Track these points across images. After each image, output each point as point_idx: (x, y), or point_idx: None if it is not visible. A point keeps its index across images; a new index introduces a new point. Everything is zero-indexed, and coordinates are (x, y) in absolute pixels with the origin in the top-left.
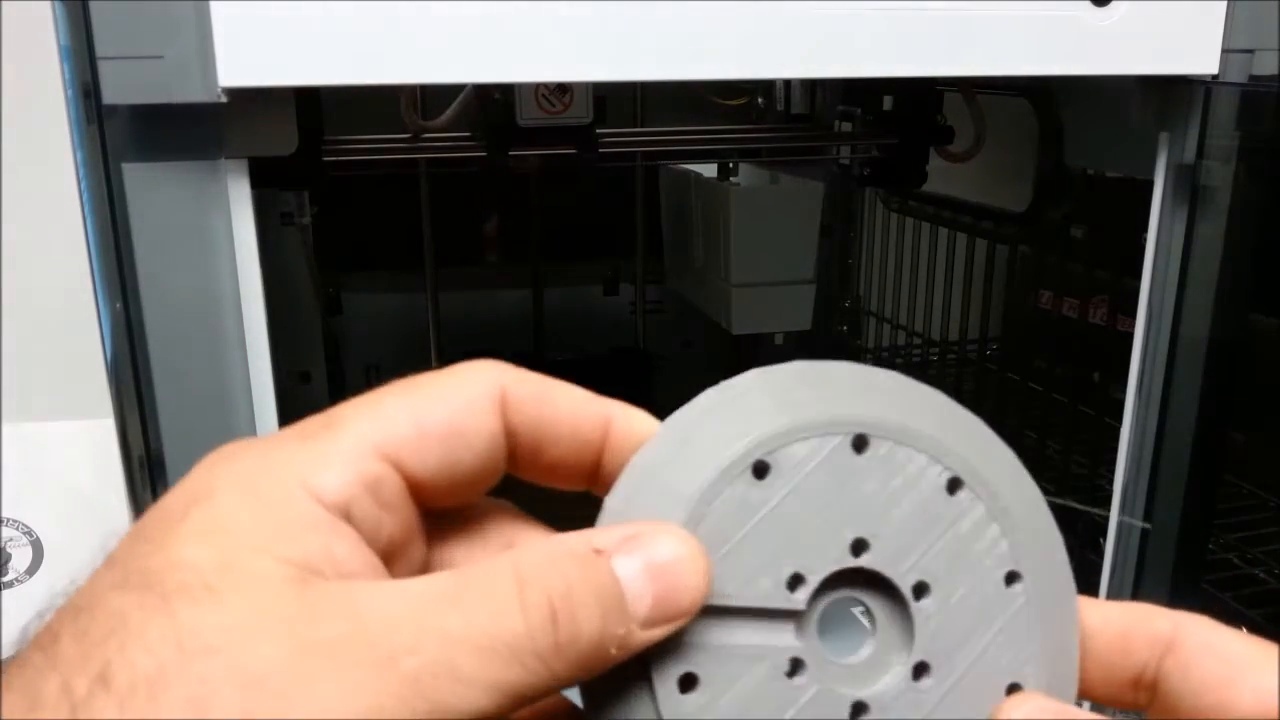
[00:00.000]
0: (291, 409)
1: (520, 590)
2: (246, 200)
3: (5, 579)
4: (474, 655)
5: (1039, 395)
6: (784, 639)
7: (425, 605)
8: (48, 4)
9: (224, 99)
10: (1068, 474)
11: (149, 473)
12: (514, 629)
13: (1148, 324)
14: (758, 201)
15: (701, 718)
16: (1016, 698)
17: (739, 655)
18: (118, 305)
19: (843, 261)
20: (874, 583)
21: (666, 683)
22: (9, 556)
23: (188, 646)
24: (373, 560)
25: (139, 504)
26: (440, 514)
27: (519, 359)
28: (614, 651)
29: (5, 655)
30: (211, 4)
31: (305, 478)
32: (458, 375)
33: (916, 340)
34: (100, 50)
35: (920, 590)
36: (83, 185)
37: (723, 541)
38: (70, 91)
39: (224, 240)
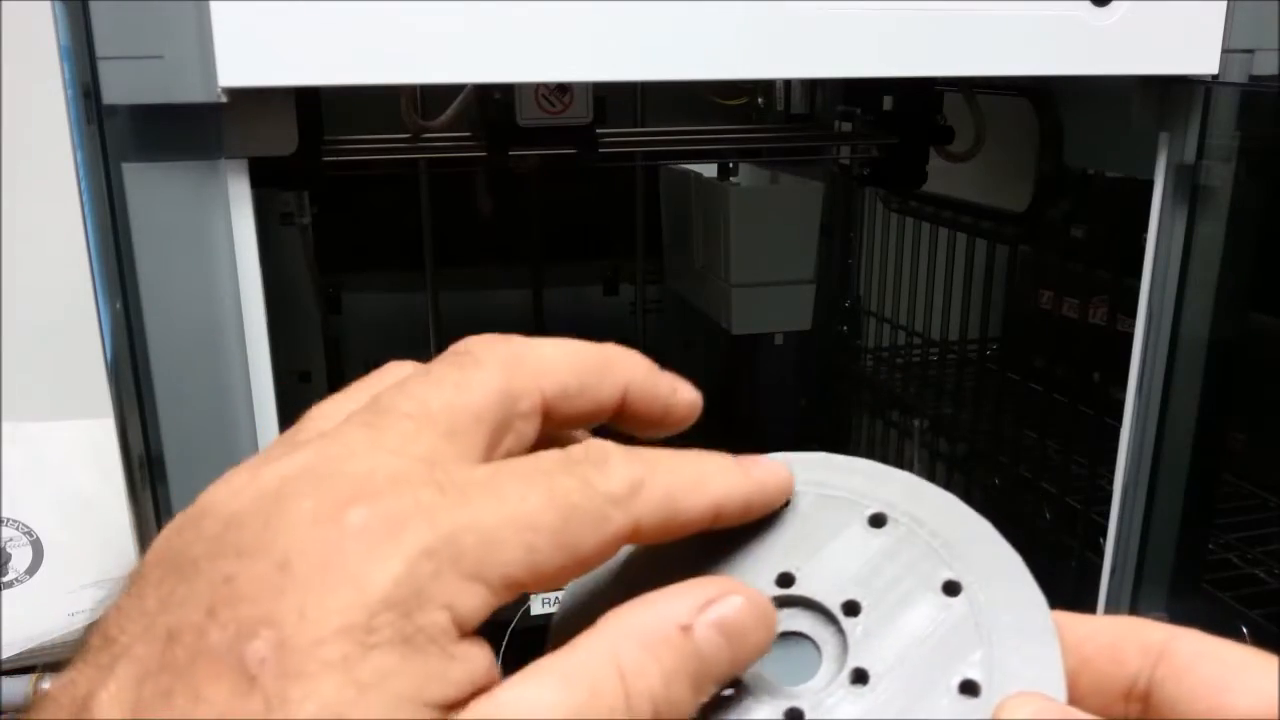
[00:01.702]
0: (291, 409)
1: (628, 698)
2: (246, 200)
3: (5, 579)
4: None
5: (1039, 395)
6: None
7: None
8: (48, 4)
9: (224, 99)
10: (1068, 474)
11: (149, 473)
12: None
13: (1148, 324)
14: (758, 201)
15: None
16: (1019, 698)
17: None
18: (118, 305)
19: (843, 261)
20: (811, 610)
21: None
22: (9, 556)
23: None
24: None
25: (139, 504)
26: None
27: None
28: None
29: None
30: (211, 4)
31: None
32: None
33: (916, 340)
34: (100, 50)
35: (851, 608)
36: (83, 185)
37: (655, 574)
38: (70, 91)
39: (224, 240)
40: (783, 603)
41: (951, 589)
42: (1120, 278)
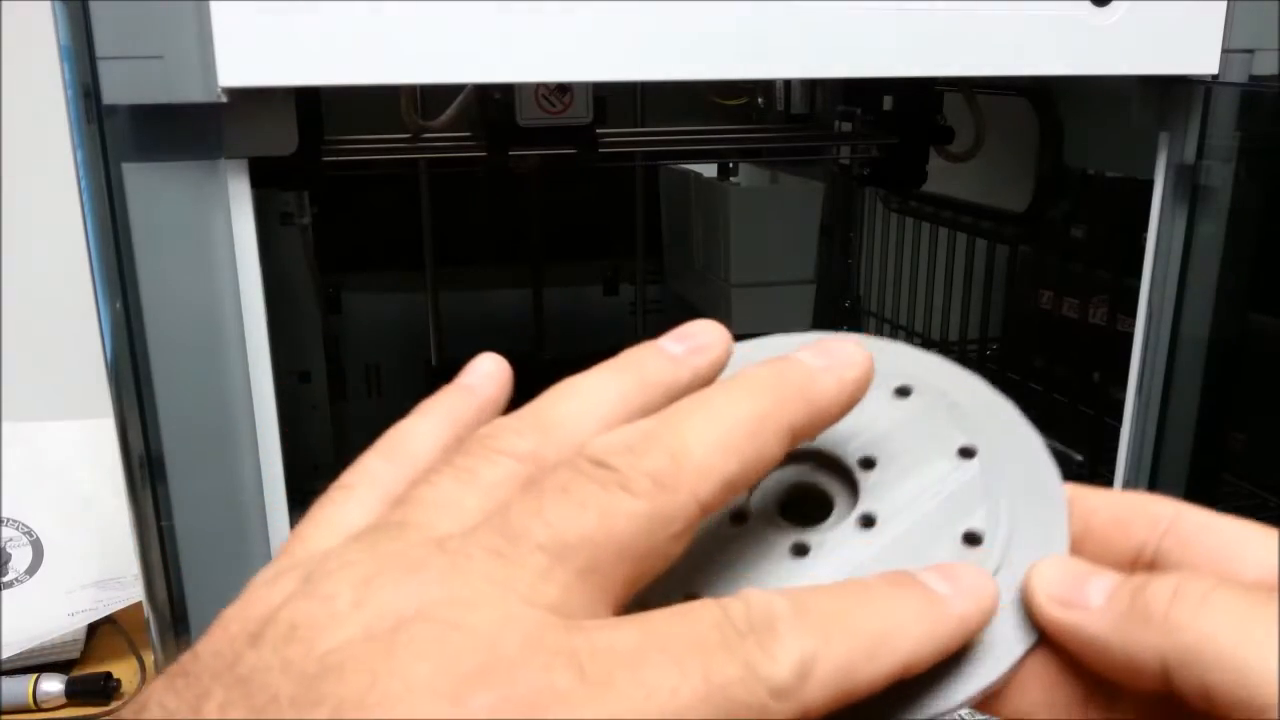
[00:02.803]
0: (291, 409)
1: None
2: (246, 200)
3: (5, 579)
4: None
5: (1039, 395)
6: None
7: None
8: (48, 4)
9: (224, 99)
10: (1068, 474)
11: (149, 473)
12: None
13: (1148, 324)
14: (758, 201)
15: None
16: (1046, 561)
17: None
18: (118, 305)
19: (843, 261)
20: (828, 465)
21: None
22: (9, 556)
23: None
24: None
25: (139, 504)
26: None
27: (519, 359)
28: None
29: None
30: (211, 4)
31: None
32: None
33: (917, 340)
34: (100, 50)
35: (867, 463)
36: (83, 185)
37: None
38: (70, 91)
39: (224, 240)
40: (800, 457)
41: (966, 453)
42: (1120, 278)
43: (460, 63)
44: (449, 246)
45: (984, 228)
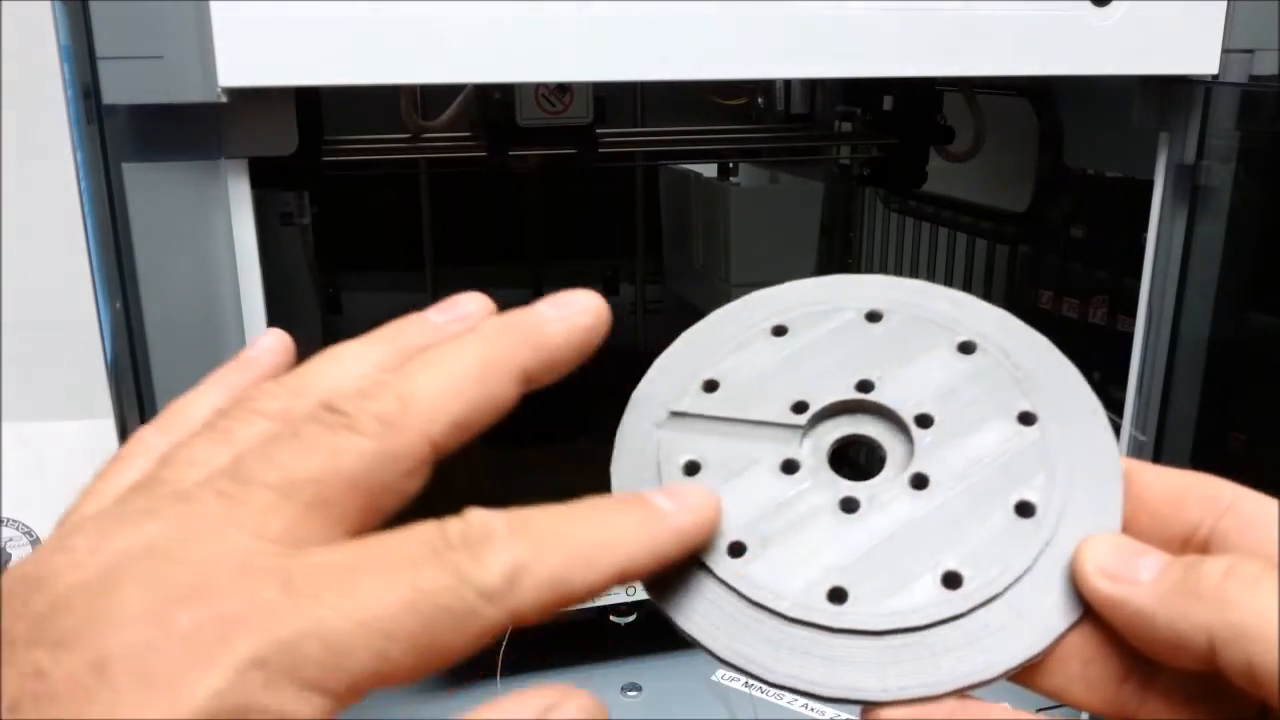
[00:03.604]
0: None
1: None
2: (246, 200)
3: None
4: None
5: None
6: (783, 447)
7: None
8: (48, 4)
9: (224, 99)
10: None
11: None
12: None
13: (1148, 324)
14: (758, 201)
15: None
16: (1097, 537)
17: (740, 452)
18: (118, 305)
19: (843, 261)
20: (883, 418)
21: (672, 468)
22: (9, 556)
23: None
24: None
25: None
26: None
27: None
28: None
29: None
30: (211, 4)
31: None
32: None
33: None
34: (100, 50)
35: (923, 421)
36: (83, 185)
37: (739, 375)
38: (70, 91)
39: (224, 240)
40: (856, 407)
41: (1027, 419)
42: (1120, 278)
43: (460, 63)
44: (449, 246)
45: (984, 228)
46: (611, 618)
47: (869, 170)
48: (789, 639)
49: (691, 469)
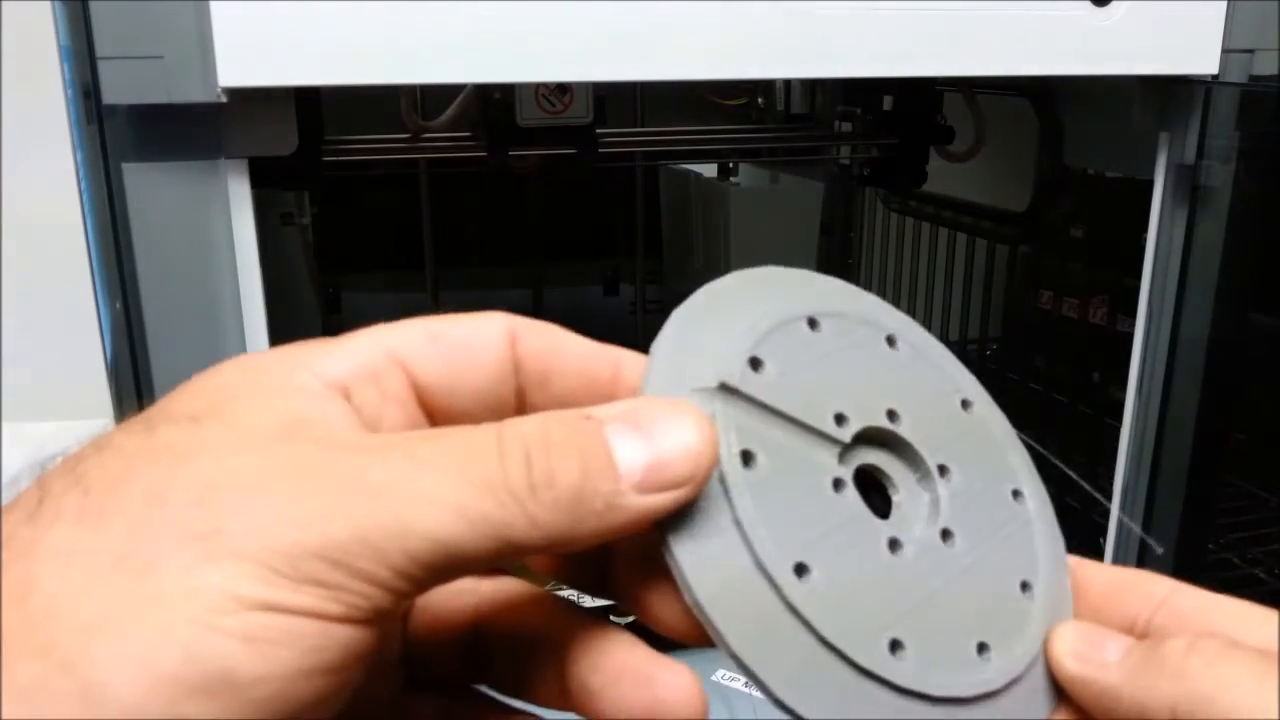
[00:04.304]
0: None
1: (499, 437)
2: (246, 200)
3: None
4: (444, 477)
5: (1039, 395)
6: (831, 461)
7: (402, 438)
8: (48, 4)
9: (224, 99)
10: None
11: None
12: (488, 462)
13: (1148, 324)
14: (758, 201)
15: (756, 499)
16: (1066, 625)
17: (795, 455)
18: (118, 305)
19: (843, 261)
20: (904, 455)
21: (730, 454)
22: None
23: (160, 453)
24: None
25: None
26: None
27: None
28: (601, 507)
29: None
30: (211, 4)
31: (310, 363)
32: (474, 314)
33: None
34: (100, 50)
35: (944, 471)
36: (83, 185)
37: (783, 360)
38: (70, 91)
39: (224, 240)
40: (887, 438)
41: (1017, 495)
42: (1120, 278)
43: (460, 63)
44: (449, 246)
45: (984, 228)
46: (611, 617)
47: (869, 170)
48: (858, 691)
49: (747, 458)
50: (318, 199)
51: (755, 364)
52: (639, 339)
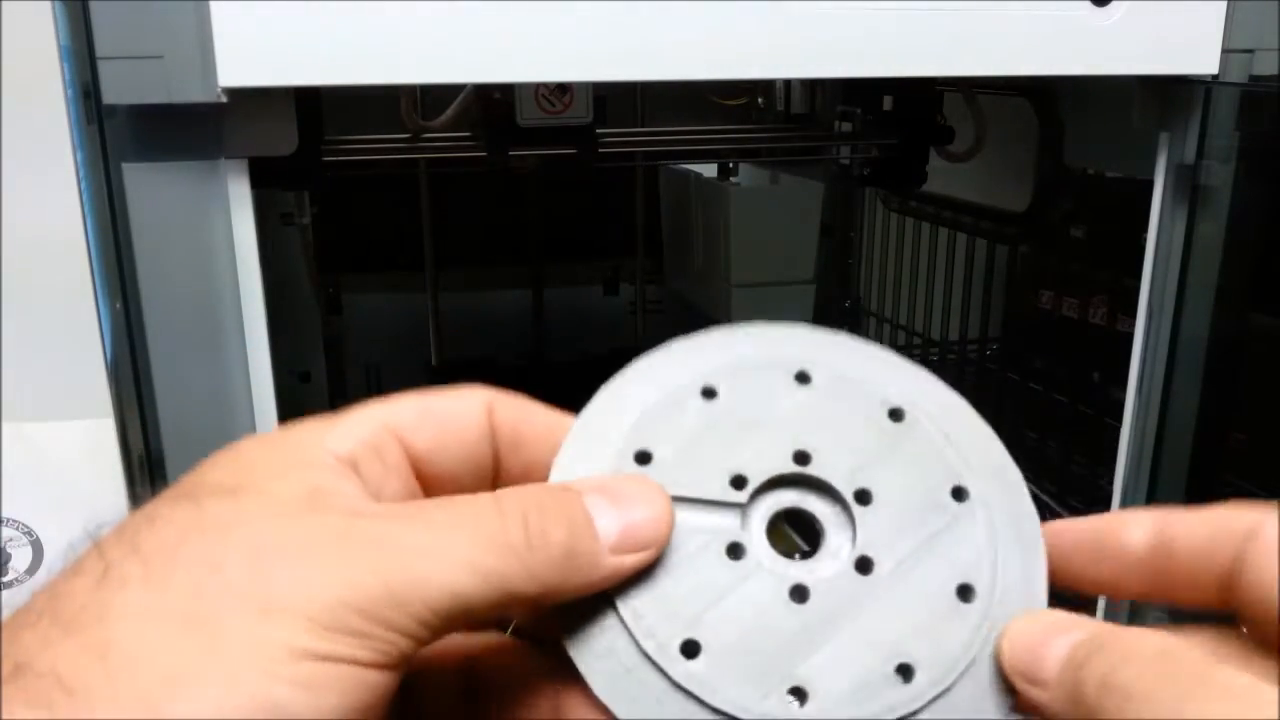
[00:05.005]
0: (291, 409)
1: (498, 502)
2: (246, 200)
3: (5, 579)
4: (456, 538)
5: (1039, 395)
6: (726, 526)
7: (416, 506)
8: (48, 4)
9: (224, 99)
10: (1068, 474)
11: (149, 473)
12: (492, 523)
13: (1148, 324)
14: (758, 201)
15: (644, 588)
16: (1014, 631)
17: (687, 531)
18: (118, 305)
19: (843, 261)
20: (821, 491)
21: None
22: (9, 556)
23: (208, 524)
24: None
25: (139, 504)
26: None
27: (519, 359)
28: (583, 565)
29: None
30: (211, 4)
31: (321, 439)
32: (456, 388)
33: (916, 340)
34: (100, 50)
35: (862, 496)
36: (83, 185)
37: (671, 444)
38: (70, 91)
39: (224, 240)
40: (795, 480)
41: (959, 494)
42: (1120, 278)
43: (460, 63)
44: (449, 246)
45: (984, 228)
46: None
47: (869, 170)
48: None
49: None
50: (318, 199)
51: (643, 458)
52: (639, 339)
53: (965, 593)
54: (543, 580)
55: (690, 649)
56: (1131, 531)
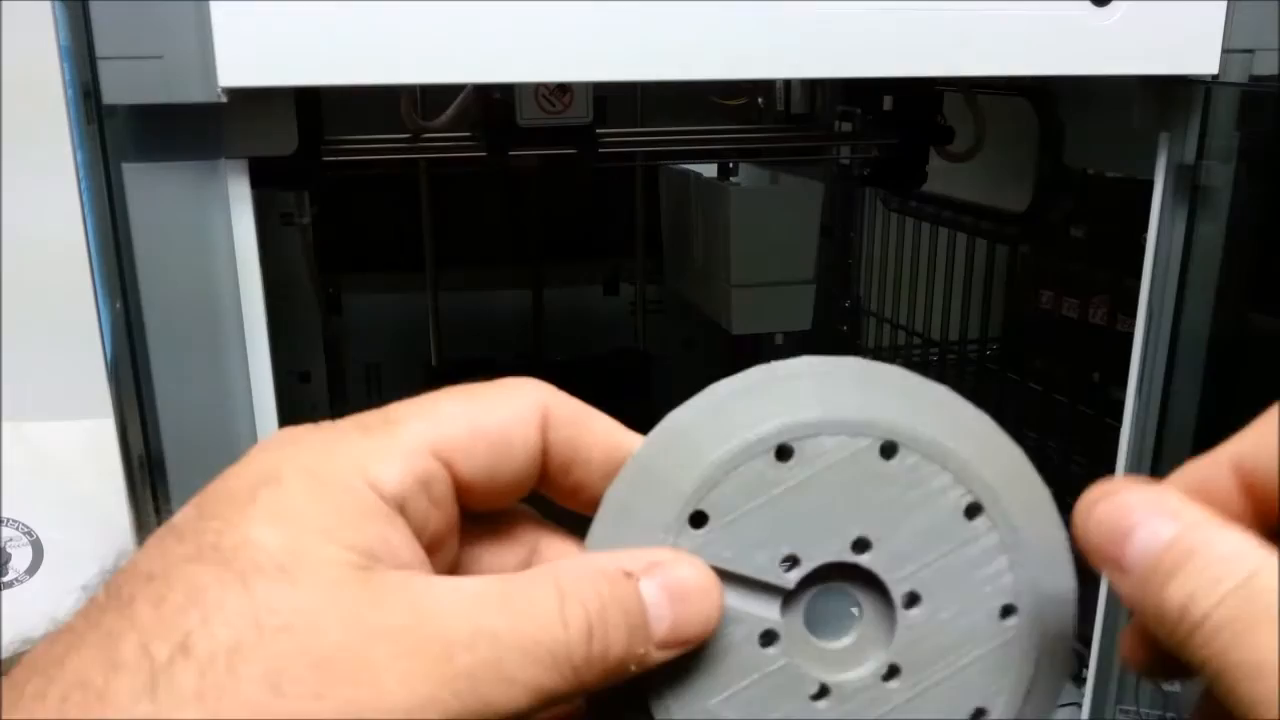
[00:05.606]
0: (291, 409)
1: (561, 604)
2: (246, 200)
3: (5, 579)
4: (520, 658)
5: (1039, 395)
6: (766, 611)
7: (478, 605)
8: (48, 4)
9: (224, 99)
10: (1068, 474)
11: (149, 473)
12: (555, 638)
13: (1148, 324)
14: (758, 201)
15: (672, 674)
16: (1113, 488)
17: (724, 610)
18: (118, 305)
19: (843, 261)
20: (870, 582)
21: None
22: (9, 556)
23: (265, 624)
24: (420, 553)
25: (139, 504)
26: (472, 516)
27: (519, 359)
28: (633, 669)
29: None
30: (211, 4)
31: (366, 469)
32: (508, 388)
33: (916, 340)
34: (100, 50)
35: (911, 600)
36: (83, 185)
37: (731, 509)
38: (70, 91)
39: (224, 240)
40: (848, 572)
41: (1007, 612)
42: (1120, 278)
43: (460, 63)
44: (449, 246)
45: (984, 228)
46: None
47: (869, 170)
48: None
49: None
50: (318, 199)
51: (698, 520)
52: (639, 339)
53: (980, 715)
54: (589, 687)
55: None
56: (1219, 484)
